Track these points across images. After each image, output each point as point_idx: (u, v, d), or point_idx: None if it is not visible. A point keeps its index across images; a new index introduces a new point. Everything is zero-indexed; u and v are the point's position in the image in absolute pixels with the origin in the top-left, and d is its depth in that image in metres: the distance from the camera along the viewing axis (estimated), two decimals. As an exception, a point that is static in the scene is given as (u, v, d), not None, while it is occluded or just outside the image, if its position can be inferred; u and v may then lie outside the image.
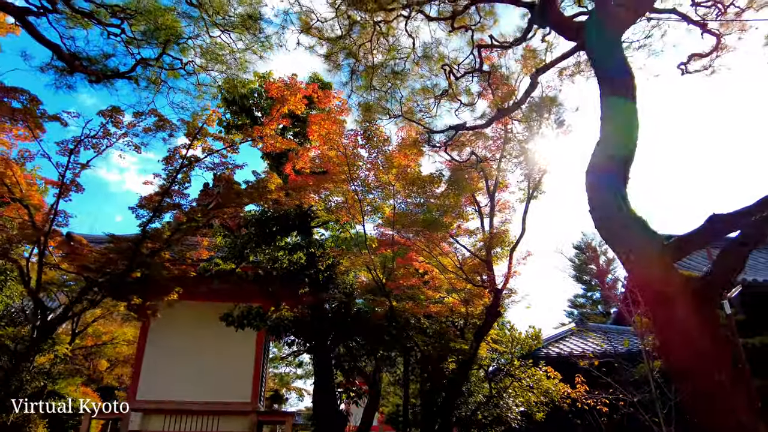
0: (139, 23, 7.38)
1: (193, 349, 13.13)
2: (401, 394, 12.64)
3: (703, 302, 3.71)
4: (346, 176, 8.14)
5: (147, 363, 13.18)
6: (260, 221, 10.78)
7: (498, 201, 10.62)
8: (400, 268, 9.81)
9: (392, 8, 6.45)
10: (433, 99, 7.65)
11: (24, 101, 6.06)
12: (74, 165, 6.86)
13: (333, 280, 10.61)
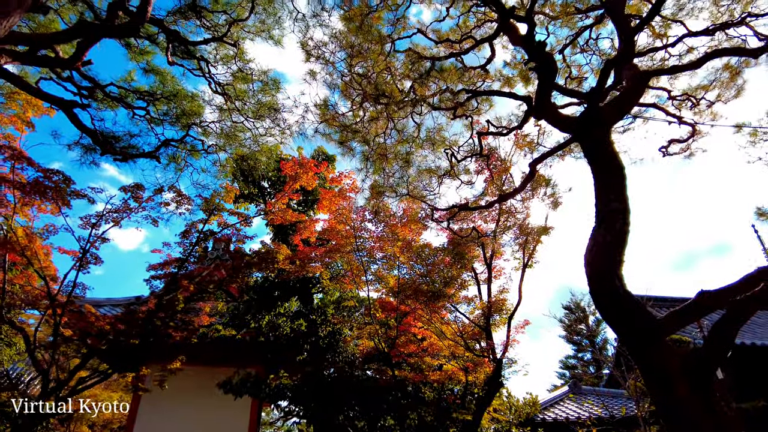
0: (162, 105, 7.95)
1: (187, 415, 12.84)
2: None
3: (700, 380, 4.09)
4: (352, 247, 8.50)
5: (138, 429, 12.84)
6: (262, 287, 10.99)
7: (494, 268, 11.03)
8: (401, 335, 10.01)
9: (402, 103, 7.10)
10: (436, 178, 8.19)
11: (58, 180, 6.43)
12: (94, 238, 7.14)
13: (333, 347, 10.71)
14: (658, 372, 4.30)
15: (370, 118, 7.26)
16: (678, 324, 4.55)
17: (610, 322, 4.94)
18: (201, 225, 7.58)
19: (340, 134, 7.29)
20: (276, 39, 7.13)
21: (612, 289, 4.75)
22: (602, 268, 4.92)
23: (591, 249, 5.17)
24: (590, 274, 5.08)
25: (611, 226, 5.15)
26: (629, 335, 4.63)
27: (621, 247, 5.03)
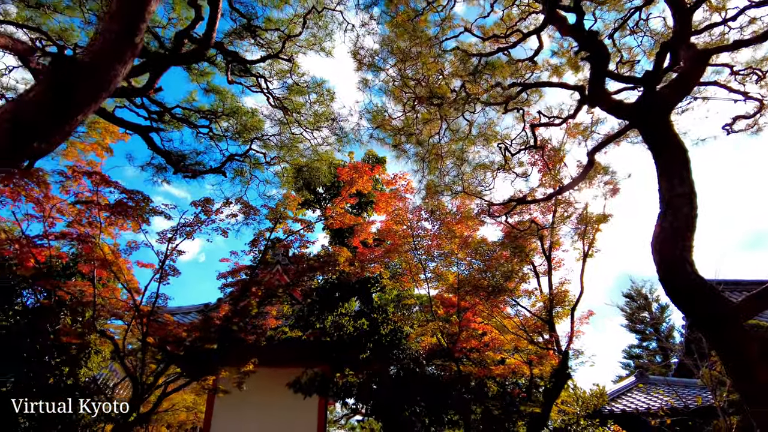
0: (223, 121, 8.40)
1: (258, 414, 13.44)
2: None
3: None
4: (410, 246, 8.66)
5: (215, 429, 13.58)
6: (324, 289, 11.35)
7: (553, 259, 10.90)
8: (462, 331, 10.09)
9: (454, 102, 7.18)
10: (490, 173, 8.22)
11: (139, 200, 6.98)
12: (171, 251, 7.67)
13: (396, 345, 10.93)
14: (736, 358, 4.22)
15: (422, 120, 7.40)
16: (756, 308, 4.43)
17: (682, 308, 4.87)
18: (268, 233, 7.98)
19: (393, 138, 7.47)
20: (327, 51, 7.39)
21: (683, 276, 4.67)
22: (671, 254, 4.84)
23: (658, 236, 5.09)
24: (659, 262, 5.00)
25: (678, 211, 5.05)
26: (704, 321, 4.54)
27: (689, 232, 4.93)
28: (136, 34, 2.70)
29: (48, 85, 2.26)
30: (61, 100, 2.31)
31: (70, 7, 7.95)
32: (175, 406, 20.94)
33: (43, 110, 2.25)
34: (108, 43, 2.54)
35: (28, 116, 2.23)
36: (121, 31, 2.64)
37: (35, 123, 2.24)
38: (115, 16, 2.65)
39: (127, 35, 2.64)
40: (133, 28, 2.68)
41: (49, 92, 2.26)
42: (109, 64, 2.54)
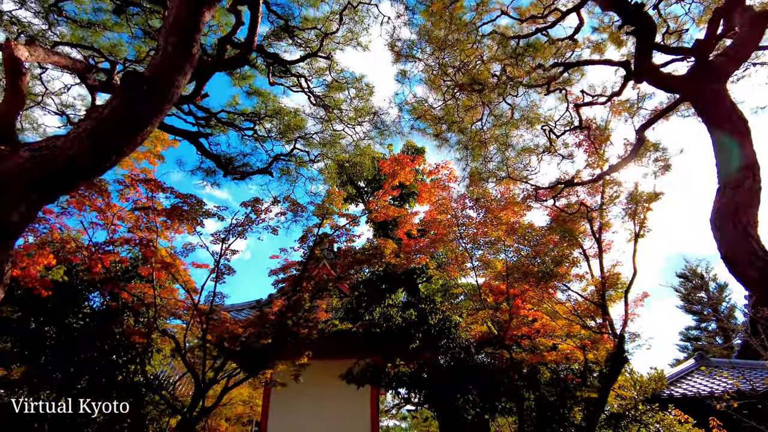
0: (266, 123, 8.61)
1: (312, 407, 13.80)
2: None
3: None
4: (455, 235, 8.65)
5: (272, 422, 14.04)
6: (371, 282, 11.50)
7: (603, 241, 10.61)
8: (512, 318, 10.00)
9: (495, 87, 7.09)
10: (535, 157, 8.08)
11: (193, 204, 7.28)
12: (225, 251, 7.97)
13: (445, 334, 10.96)
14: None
15: (464, 107, 7.34)
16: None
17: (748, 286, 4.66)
18: (316, 229, 8.16)
19: (434, 127, 7.46)
20: (364, 45, 7.44)
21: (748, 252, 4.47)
22: (734, 230, 4.63)
23: (718, 211, 4.88)
24: (720, 238, 4.80)
25: (739, 185, 4.82)
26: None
27: (753, 206, 4.71)
28: (193, 45, 2.83)
29: (121, 101, 2.41)
30: (133, 114, 2.46)
31: (118, 24, 8.33)
32: (232, 400, 21.82)
33: (118, 125, 2.40)
34: (168, 56, 2.68)
35: (105, 132, 2.39)
36: (180, 44, 2.77)
37: (112, 138, 2.40)
38: (172, 29, 2.78)
39: (185, 47, 2.77)
40: (190, 39, 2.80)
41: (123, 107, 2.41)
42: (171, 76, 2.68)
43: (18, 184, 2.22)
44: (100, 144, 2.35)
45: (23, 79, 5.06)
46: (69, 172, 2.30)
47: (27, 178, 2.22)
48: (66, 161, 2.27)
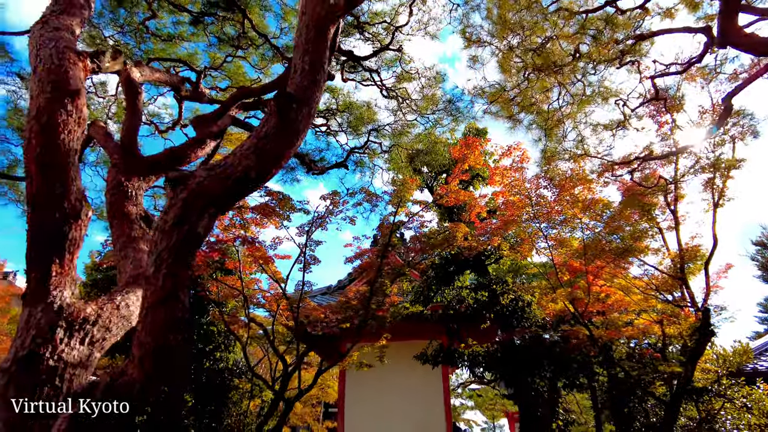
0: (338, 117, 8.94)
1: (386, 388, 14.32)
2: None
3: None
4: (528, 216, 8.71)
5: (348, 404, 14.70)
6: (439, 265, 11.75)
7: (678, 213, 10.35)
8: (587, 296, 9.99)
9: (565, 64, 7.06)
10: (609, 132, 7.99)
11: (281, 200, 7.75)
12: (311, 243, 8.43)
13: (517, 314, 11.09)
14: None
15: (535, 87, 7.36)
16: None
17: None
18: (392, 217, 8.46)
19: (507, 110, 7.52)
20: (432, 34, 7.57)
21: None
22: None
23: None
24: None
25: None
26: None
27: None
28: (325, 62, 3.12)
29: (276, 120, 2.73)
30: (287, 129, 2.78)
31: (195, 34, 8.83)
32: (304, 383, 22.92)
33: (275, 141, 2.73)
34: (306, 75, 2.98)
35: (266, 148, 2.72)
36: (314, 62, 3.07)
37: (272, 153, 2.73)
38: (306, 49, 3.07)
39: (319, 65, 3.06)
40: (322, 57, 3.09)
41: (278, 125, 2.74)
42: (312, 93, 2.98)
43: (200, 201, 2.59)
44: (262, 159, 2.68)
45: (139, 98, 5.58)
46: (240, 187, 2.65)
47: (207, 195, 2.59)
48: (237, 177, 2.62)
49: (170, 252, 2.51)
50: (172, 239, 2.52)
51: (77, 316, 3.30)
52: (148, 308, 2.50)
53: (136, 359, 2.51)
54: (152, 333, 2.49)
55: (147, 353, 2.49)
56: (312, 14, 2.94)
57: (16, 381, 2.92)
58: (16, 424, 2.85)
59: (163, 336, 2.51)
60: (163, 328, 2.51)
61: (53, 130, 3.23)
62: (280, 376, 10.51)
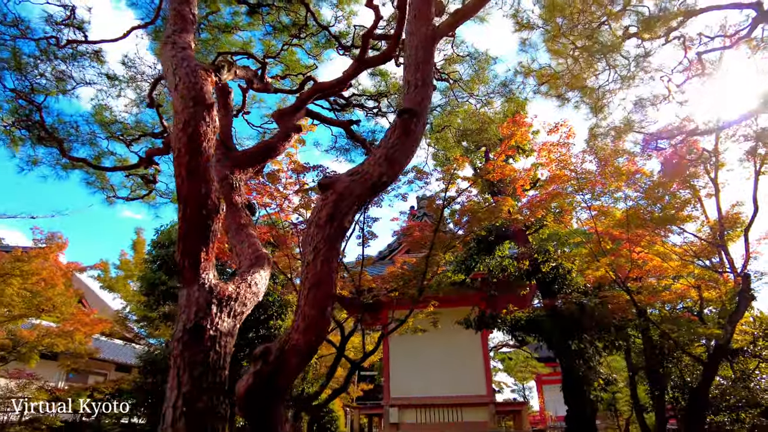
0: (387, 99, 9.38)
1: (429, 352, 15.18)
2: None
3: None
4: (573, 189, 9.13)
5: (393, 367, 15.65)
6: (481, 237, 12.29)
7: (717, 181, 10.61)
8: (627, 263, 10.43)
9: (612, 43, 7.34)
10: (653, 106, 8.27)
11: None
12: (368, 219, 9.08)
13: (557, 281, 11.63)
14: None
15: (582, 66, 7.66)
16: None
17: None
18: (443, 193, 8.99)
19: (555, 89, 7.86)
20: (481, 17, 7.86)
21: None
22: None
23: None
24: None
25: None
26: None
27: None
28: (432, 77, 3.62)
29: (401, 131, 3.28)
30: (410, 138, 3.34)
31: (250, 23, 9.27)
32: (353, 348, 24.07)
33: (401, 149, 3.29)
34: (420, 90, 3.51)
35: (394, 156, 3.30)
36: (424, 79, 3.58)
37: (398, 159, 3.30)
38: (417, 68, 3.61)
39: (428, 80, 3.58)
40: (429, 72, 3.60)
41: (402, 136, 3.28)
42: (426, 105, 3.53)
43: (346, 201, 3.18)
44: (391, 165, 3.25)
45: (230, 98, 6.15)
46: (376, 189, 3.24)
47: (351, 196, 3.18)
48: (374, 181, 3.20)
49: (325, 242, 3.13)
50: (326, 232, 3.13)
51: (224, 295, 4.00)
52: (309, 287, 3.14)
53: (300, 328, 3.16)
54: (314, 307, 3.13)
55: (310, 324, 3.14)
56: (420, 36, 3.43)
57: (189, 347, 3.64)
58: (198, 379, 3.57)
59: (322, 309, 3.15)
60: (321, 303, 3.15)
61: (197, 140, 3.84)
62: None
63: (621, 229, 9.30)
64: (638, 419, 14.27)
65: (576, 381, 10.82)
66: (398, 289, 10.41)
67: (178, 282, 12.92)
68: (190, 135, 3.80)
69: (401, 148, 3.25)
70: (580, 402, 10.62)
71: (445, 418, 14.48)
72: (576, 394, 10.74)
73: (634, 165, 8.67)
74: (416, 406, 14.75)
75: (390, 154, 3.23)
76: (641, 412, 14.27)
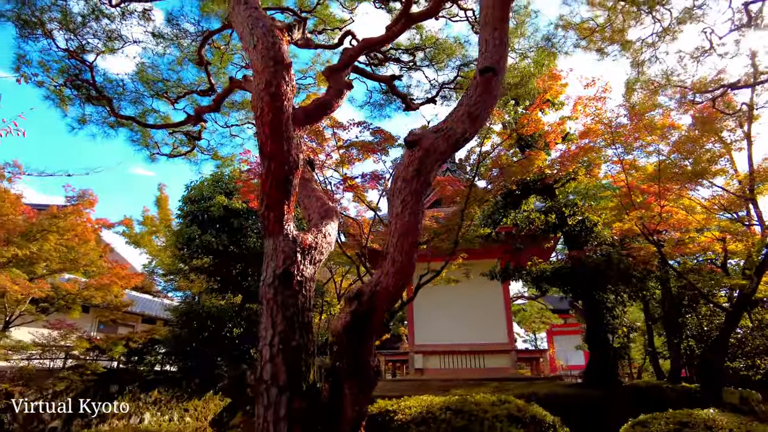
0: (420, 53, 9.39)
1: (453, 302, 15.70)
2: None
3: None
4: (606, 143, 9.24)
5: (417, 315, 16.26)
6: (508, 191, 12.48)
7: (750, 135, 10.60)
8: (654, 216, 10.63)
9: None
10: (693, 60, 8.24)
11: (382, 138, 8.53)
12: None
13: (584, 233, 11.88)
14: None
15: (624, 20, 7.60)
16: None
17: None
18: (478, 149, 9.15)
19: (594, 43, 7.84)
20: (523, -32, 7.77)
21: None
22: None
23: None
24: None
25: None
26: None
27: None
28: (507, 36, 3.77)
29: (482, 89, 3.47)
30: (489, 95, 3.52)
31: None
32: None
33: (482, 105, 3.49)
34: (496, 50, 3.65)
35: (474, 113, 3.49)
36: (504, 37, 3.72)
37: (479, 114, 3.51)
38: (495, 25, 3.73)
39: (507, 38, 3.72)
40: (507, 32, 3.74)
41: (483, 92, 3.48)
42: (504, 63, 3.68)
43: (431, 157, 3.43)
44: (473, 122, 3.46)
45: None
46: (459, 144, 3.47)
47: (436, 152, 3.42)
48: (458, 137, 3.43)
49: (412, 196, 3.40)
50: (413, 186, 3.39)
51: (306, 244, 4.33)
52: (398, 236, 3.43)
53: (390, 273, 3.48)
54: (402, 253, 3.43)
55: (399, 269, 3.46)
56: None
57: (280, 291, 4.00)
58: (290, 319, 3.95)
59: (410, 256, 3.45)
60: (408, 251, 3.45)
61: (279, 99, 4.05)
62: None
63: (651, 183, 9.45)
64: (653, 365, 14.92)
65: (599, 329, 11.27)
66: (430, 242, 10.76)
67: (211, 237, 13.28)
68: (272, 94, 4.00)
69: (483, 105, 3.45)
70: (603, 349, 11.11)
71: (468, 364, 15.17)
72: (599, 342, 11.22)
73: (669, 118, 8.70)
74: (440, 353, 15.43)
75: (472, 111, 3.43)
76: (656, 358, 14.89)
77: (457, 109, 3.49)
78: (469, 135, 3.44)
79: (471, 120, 3.43)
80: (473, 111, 3.43)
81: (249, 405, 12.39)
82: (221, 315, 13.91)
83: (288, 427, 3.50)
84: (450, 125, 3.41)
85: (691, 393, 9.78)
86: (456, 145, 3.45)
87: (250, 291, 15.15)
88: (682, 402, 9.35)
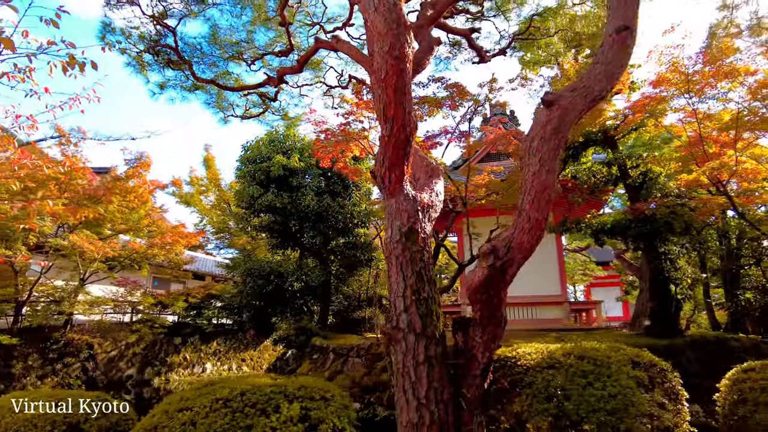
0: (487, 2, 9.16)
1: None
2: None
3: None
4: (680, 92, 8.97)
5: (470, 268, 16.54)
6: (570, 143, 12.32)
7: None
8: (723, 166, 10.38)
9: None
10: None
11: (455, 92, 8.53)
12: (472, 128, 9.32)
13: (646, 185, 11.73)
14: None
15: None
16: None
17: None
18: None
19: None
20: None
21: None
22: None
23: None
24: None
25: None
26: None
27: None
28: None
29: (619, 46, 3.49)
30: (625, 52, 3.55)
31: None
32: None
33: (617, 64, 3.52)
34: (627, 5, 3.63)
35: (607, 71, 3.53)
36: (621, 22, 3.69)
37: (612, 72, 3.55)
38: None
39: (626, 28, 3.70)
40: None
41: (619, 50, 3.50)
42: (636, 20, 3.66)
43: (570, 114, 3.51)
44: (609, 79, 3.52)
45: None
46: (596, 101, 3.54)
47: (575, 110, 3.51)
48: (596, 95, 3.50)
49: (549, 153, 3.52)
50: (551, 144, 3.51)
51: (424, 203, 4.52)
52: (535, 193, 3.59)
53: (526, 229, 3.66)
54: (539, 210, 3.60)
55: (534, 225, 3.63)
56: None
57: (408, 247, 4.24)
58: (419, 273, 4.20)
59: (545, 212, 3.61)
60: (545, 207, 3.61)
61: (402, 60, 4.15)
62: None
63: (725, 132, 9.20)
64: (709, 317, 14.94)
65: (662, 280, 11.31)
66: (487, 197, 10.88)
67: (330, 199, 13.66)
68: (396, 57, 4.10)
69: (618, 63, 3.49)
70: (666, 300, 11.19)
71: (523, 315, 15.51)
72: (662, 293, 11.28)
73: (753, 63, 8.36)
74: (493, 305, 15.77)
75: (608, 69, 3.48)
76: (712, 310, 14.89)
77: (593, 67, 3.54)
78: (605, 93, 3.50)
79: (608, 78, 3.48)
80: (609, 69, 3.48)
81: (316, 354, 13.11)
82: (283, 270, 14.49)
83: (427, 370, 3.83)
84: (587, 83, 3.48)
85: (758, 344, 9.86)
86: (593, 103, 3.52)
87: (305, 247, 15.69)
88: (750, 353, 9.46)
